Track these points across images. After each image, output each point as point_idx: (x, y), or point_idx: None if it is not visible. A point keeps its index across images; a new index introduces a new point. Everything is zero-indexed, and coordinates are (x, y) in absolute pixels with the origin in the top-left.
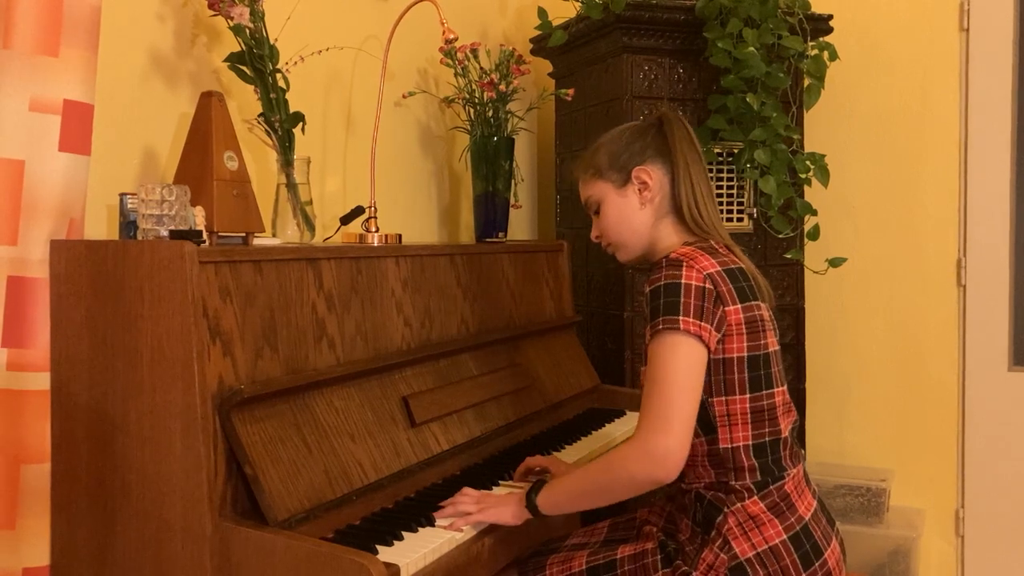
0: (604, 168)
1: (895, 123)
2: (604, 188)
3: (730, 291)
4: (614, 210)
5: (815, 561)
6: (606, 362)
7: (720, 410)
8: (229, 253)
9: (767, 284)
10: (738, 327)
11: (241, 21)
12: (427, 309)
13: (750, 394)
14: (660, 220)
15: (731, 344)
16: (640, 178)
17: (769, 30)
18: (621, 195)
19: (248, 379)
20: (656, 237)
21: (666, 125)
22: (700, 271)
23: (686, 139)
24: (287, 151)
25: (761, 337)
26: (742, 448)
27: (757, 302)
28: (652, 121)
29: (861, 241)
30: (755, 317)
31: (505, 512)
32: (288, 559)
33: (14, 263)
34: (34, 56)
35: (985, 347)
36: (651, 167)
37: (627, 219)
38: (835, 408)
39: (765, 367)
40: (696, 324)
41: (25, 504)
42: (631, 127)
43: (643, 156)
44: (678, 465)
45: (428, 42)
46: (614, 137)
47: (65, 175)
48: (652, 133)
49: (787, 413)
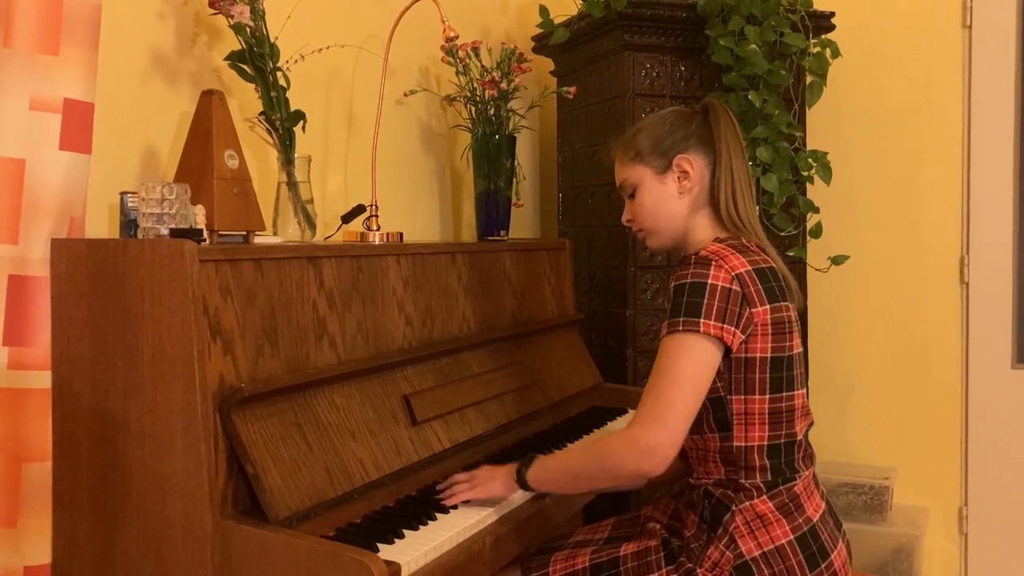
0: (645, 152)
1: (897, 120)
2: (643, 172)
3: (758, 292)
4: (651, 196)
5: (821, 563)
6: (608, 360)
7: (738, 408)
8: (230, 252)
9: (797, 285)
10: (764, 328)
11: (242, 19)
12: (428, 307)
13: (770, 395)
14: (696, 211)
15: (755, 344)
16: (681, 166)
17: (771, 27)
18: (660, 181)
19: (249, 377)
20: (690, 228)
21: (711, 114)
22: (729, 271)
23: (731, 131)
24: (288, 149)
25: (786, 339)
26: (756, 448)
27: (786, 303)
28: (697, 109)
29: (863, 239)
30: (782, 318)
31: (495, 486)
32: (289, 557)
33: (15, 262)
34: (35, 55)
35: (988, 345)
36: (694, 156)
37: (663, 207)
38: (838, 406)
39: (788, 369)
40: (718, 327)
41: (27, 502)
42: (675, 112)
43: (687, 144)
44: (666, 461)
45: (429, 40)
46: (658, 121)
47: (66, 174)
48: (697, 121)
49: (804, 416)
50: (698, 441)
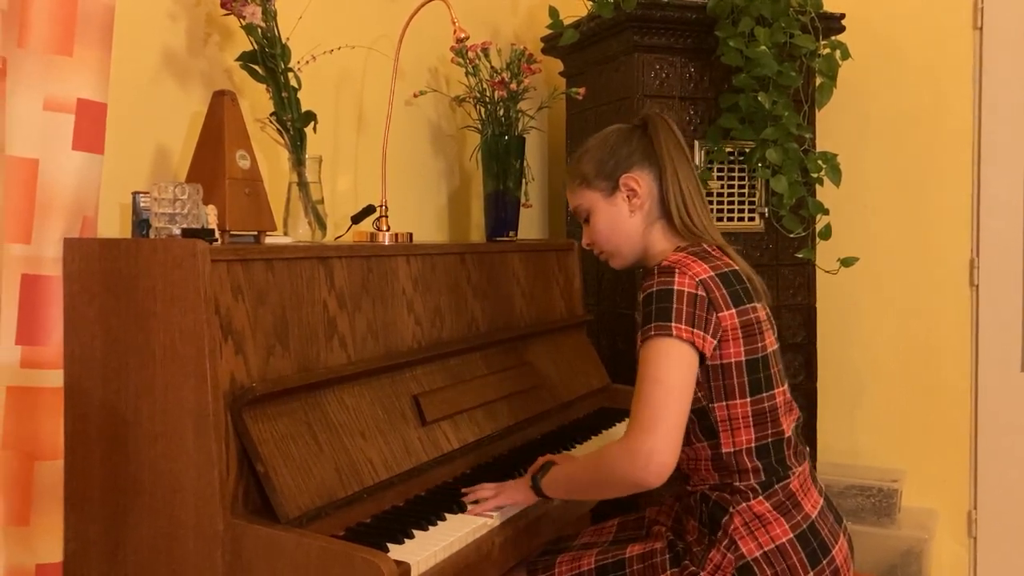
0: (591, 177)
1: (908, 122)
2: (592, 197)
3: (723, 296)
4: (604, 219)
5: (823, 559)
6: (616, 361)
7: (721, 415)
8: (241, 251)
9: (763, 283)
10: (734, 332)
11: (253, 20)
12: (438, 308)
13: (751, 397)
14: (651, 225)
15: (728, 349)
16: (628, 185)
17: (781, 29)
18: (610, 203)
19: (260, 377)
20: (648, 243)
21: (651, 127)
22: (692, 277)
23: (672, 140)
24: (299, 150)
25: (758, 340)
26: (744, 451)
27: (753, 304)
28: (637, 123)
29: (873, 241)
30: (751, 320)
31: (518, 494)
32: (299, 557)
33: (28, 261)
34: (48, 55)
35: (998, 348)
36: (638, 173)
37: (618, 227)
38: (847, 408)
39: (764, 369)
40: (688, 331)
41: (39, 501)
42: (616, 131)
43: (630, 162)
44: (664, 467)
45: (439, 41)
46: (599, 143)
47: (79, 174)
48: (637, 137)
49: (789, 412)
50: (688, 452)
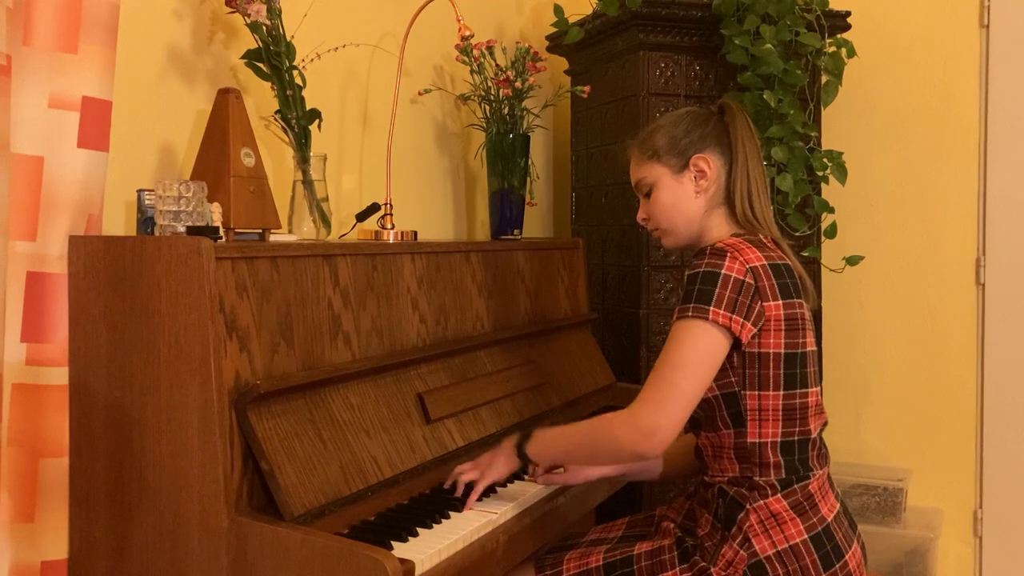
0: (662, 151)
1: (914, 120)
2: (659, 172)
3: (772, 287)
4: (667, 195)
5: (835, 563)
6: (622, 360)
7: (752, 404)
8: (246, 249)
9: (812, 285)
10: (777, 323)
11: (258, 18)
12: (442, 306)
13: (784, 391)
14: (712, 210)
15: (768, 339)
16: (698, 166)
17: (786, 27)
18: (677, 181)
19: (264, 375)
20: (705, 227)
21: (728, 115)
22: (744, 263)
23: (747, 131)
24: (303, 148)
25: (800, 335)
26: (770, 444)
27: (799, 300)
28: (714, 109)
29: (879, 239)
30: (795, 315)
31: (502, 468)
32: (303, 554)
33: (33, 259)
34: (53, 53)
35: (1004, 347)
36: (711, 156)
37: (680, 206)
38: (852, 407)
39: (801, 366)
40: (727, 316)
41: (44, 498)
42: (692, 112)
43: (703, 144)
44: (663, 443)
45: (444, 39)
46: (673, 120)
47: (84, 171)
48: (714, 121)
49: (818, 415)
50: (712, 438)
